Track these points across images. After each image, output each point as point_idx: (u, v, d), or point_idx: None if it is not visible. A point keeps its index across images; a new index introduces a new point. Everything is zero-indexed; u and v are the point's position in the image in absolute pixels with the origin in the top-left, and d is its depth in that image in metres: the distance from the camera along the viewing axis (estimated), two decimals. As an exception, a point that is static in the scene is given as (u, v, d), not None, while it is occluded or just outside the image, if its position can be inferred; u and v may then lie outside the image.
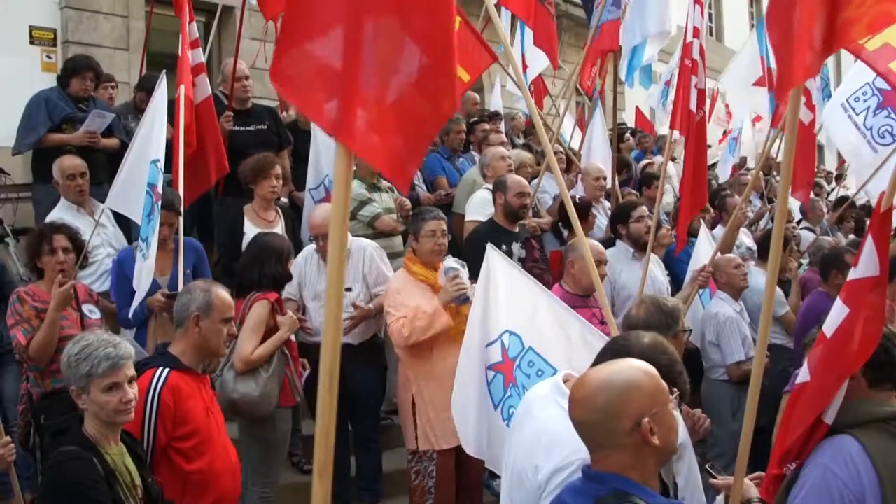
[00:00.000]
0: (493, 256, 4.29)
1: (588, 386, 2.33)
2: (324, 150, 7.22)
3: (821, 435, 2.76)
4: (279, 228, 6.03)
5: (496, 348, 4.09)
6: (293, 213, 6.43)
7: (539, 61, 10.04)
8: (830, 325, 2.78)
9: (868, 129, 7.52)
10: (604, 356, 2.81)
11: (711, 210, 8.69)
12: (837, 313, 2.77)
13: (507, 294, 4.16)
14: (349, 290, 5.60)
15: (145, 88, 7.39)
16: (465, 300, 5.07)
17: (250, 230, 5.86)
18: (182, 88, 5.80)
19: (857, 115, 7.66)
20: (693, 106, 5.83)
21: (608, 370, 2.37)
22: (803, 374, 2.86)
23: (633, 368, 2.33)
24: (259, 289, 4.99)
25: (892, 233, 8.59)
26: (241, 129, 6.94)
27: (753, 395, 2.29)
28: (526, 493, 2.80)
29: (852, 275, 2.81)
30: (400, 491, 5.92)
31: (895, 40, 4.59)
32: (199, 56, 6.30)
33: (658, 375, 2.33)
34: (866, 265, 2.76)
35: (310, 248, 5.72)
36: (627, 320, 3.92)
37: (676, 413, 2.35)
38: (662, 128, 12.47)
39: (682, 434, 2.75)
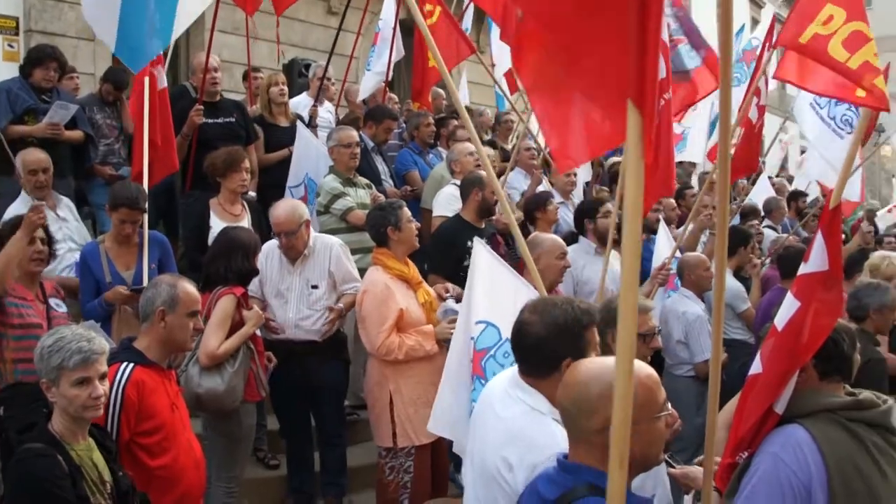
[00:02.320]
0: (478, 250, 4.31)
1: (578, 374, 2.35)
2: (305, 148, 7.25)
3: (771, 425, 2.83)
4: (246, 223, 6.01)
5: (468, 338, 4.14)
6: (260, 208, 6.42)
7: (507, 57, 10.08)
8: (782, 318, 2.85)
9: (831, 119, 7.74)
10: None
11: (677, 208, 8.78)
12: (788, 307, 2.84)
13: (488, 286, 4.18)
14: (315, 287, 5.60)
15: (111, 80, 7.35)
16: None
17: (216, 224, 5.83)
18: (147, 80, 5.76)
19: (821, 108, 7.92)
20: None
21: (602, 365, 2.36)
22: (755, 366, 2.92)
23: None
24: (225, 283, 4.98)
25: (871, 234, 8.71)
26: (210, 121, 6.93)
27: (714, 390, 2.34)
28: (501, 491, 2.82)
29: (803, 269, 2.88)
30: (365, 486, 5.96)
31: (873, 57, 4.75)
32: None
33: (656, 388, 2.30)
34: (816, 260, 2.83)
35: (271, 245, 5.70)
36: None
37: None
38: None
39: None
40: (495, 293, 4.08)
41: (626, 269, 1.53)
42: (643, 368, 2.32)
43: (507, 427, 2.87)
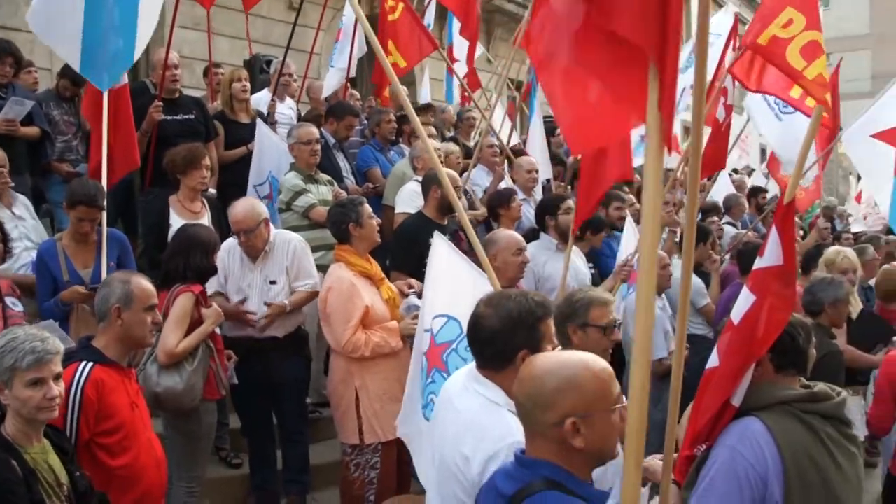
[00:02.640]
0: (437, 243, 4.31)
1: (534, 368, 2.35)
2: (267, 146, 7.21)
3: (729, 417, 2.88)
4: (206, 220, 5.96)
5: (427, 335, 4.14)
6: (220, 205, 6.37)
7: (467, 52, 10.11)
8: (738, 312, 2.90)
9: (776, 104, 7.87)
10: None
11: (636, 203, 8.84)
12: (744, 301, 2.89)
13: (448, 280, 4.18)
14: (274, 283, 5.58)
15: (69, 76, 7.25)
16: None
17: (176, 222, 5.78)
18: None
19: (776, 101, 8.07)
20: None
21: (559, 359, 2.38)
22: (713, 360, 2.96)
23: (584, 366, 2.30)
24: (184, 281, 4.93)
25: (828, 230, 8.76)
26: (169, 118, 6.86)
27: (676, 385, 2.37)
28: (459, 485, 2.83)
29: (758, 264, 2.92)
30: (328, 483, 5.94)
31: (825, 70, 4.87)
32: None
33: (610, 381, 2.30)
34: (771, 255, 2.87)
35: (232, 242, 5.66)
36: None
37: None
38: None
39: None
40: (455, 287, 4.08)
41: (645, 256, 1.52)
42: (597, 362, 2.33)
43: (463, 420, 2.89)
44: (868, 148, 6.48)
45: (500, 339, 2.88)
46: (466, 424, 2.86)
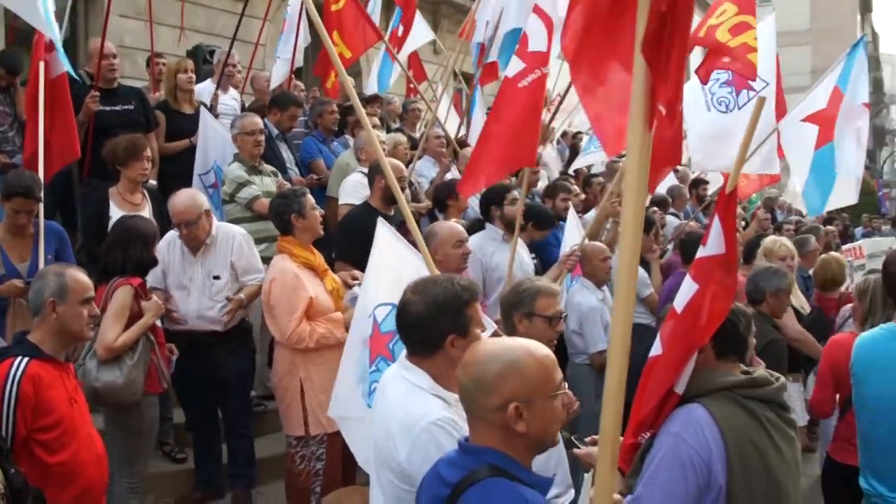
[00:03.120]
0: (381, 230, 4.29)
1: (477, 353, 2.36)
2: (212, 136, 7.12)
3: (672, 405, 2.91)
4: (146, 212, 5.85)
5: (370, 322, 4.13)
6: (161, 197, 6.27)
7: (413, 40, 10.07)
8: (681, 300, 2.92)
9: (711, 94, 7.98)
10: None
11: (581, 194, 8.90)
12: (687, 289, 2.91)
13: (392, 268, 4.17)
14: (217, 277, 5.52)
15: (4, 64, 7.08)
16: None
17: (116, 214, 5.66)
18: (42, 65, 5.58)
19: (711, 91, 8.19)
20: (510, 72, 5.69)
21: (503, 345, 2.40)
22: (656, 348, 2.99)
23: (527, 352, 2.32)
24: (122, 274, 4.85)
25: (768, 220, 8.91)
26: (107, 108, 6.74)
27: (612, 375, 2.37)
28: (391, 470, 2.85)
29: (701, 253, 2.95)
30: (274, 477, 5.90)
31: (752, 41, 4.97)
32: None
33: (552, 367, 2.32)
34: (714, 244, 2.90)
35: (173, 234, 5.59)
36: (501, 299, 4.04)
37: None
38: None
39: None
40: (400, 275, 4.07)
41: (625, 250, 1.52)
42: (540, 348, 2.36)
43: (390, 406, 2.93)
44: (796, 130, 6.65)
45: (426, 325, 2.91)
46: (392, 410, 2.90)
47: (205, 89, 8.59)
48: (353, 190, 6.83)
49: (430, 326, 2.91)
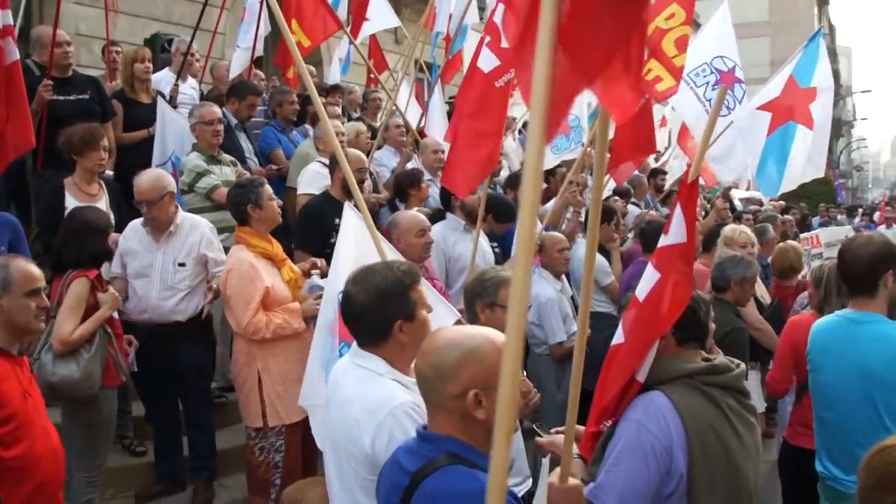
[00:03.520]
0: (348, 216, 4.27)
1: (436, 341, 2.37)
2: (170, 126, 7.02)
3: (634, 392, 2.92)
4: (103, 203, 5.77)
5: (335, 307, 4.11)
6: (118, 187, 6.19)
7: (373, 24, 9.99)
8: (643, 289, 2.93)
9: (707, 101, 8.08)
10: None
11: (545, 183, 8.93)
12: (649, 278, 2.92)
13: (357, 253, 4.15)
14: (182, 265, 5.47)
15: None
16: None
17: (72, 204, 5.57)
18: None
19: (697, 87, 8.26)
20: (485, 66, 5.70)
21: (462, 332, 2.41)
22: (618, 337, 3.00)
23: (486, 339, 2.33)
24: (77, 266, 4.78)
25: (727, 210, 9.01)
26: (62, 98, 6.61)
27: (577, 364, 2.38)
28: (352, 457, 2.84)
29: (663, 241, 2.96)
30: (235, 468, 5.86)
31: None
32: (8, 17, 5.90)
33: None
34: (675, 233, 2.91)
35: (135, 223, 5.54)
36: (465, 288, 4.04)
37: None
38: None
39: None
40: (364, 260, 4.05)
41: (522, 241, 1.50)
42: (499, 336, 2.36)
43: (348, 393, 2.93)
44: (751, 119, 6.74)
45: (371, 314, 2.92)
46: (352, 398, 2.90)
47: (162, 78, 8.49)
48: (312, 180, 6.78)
49: (375, 315, 2.92)
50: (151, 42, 10.33)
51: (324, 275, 5.21)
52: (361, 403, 2.82)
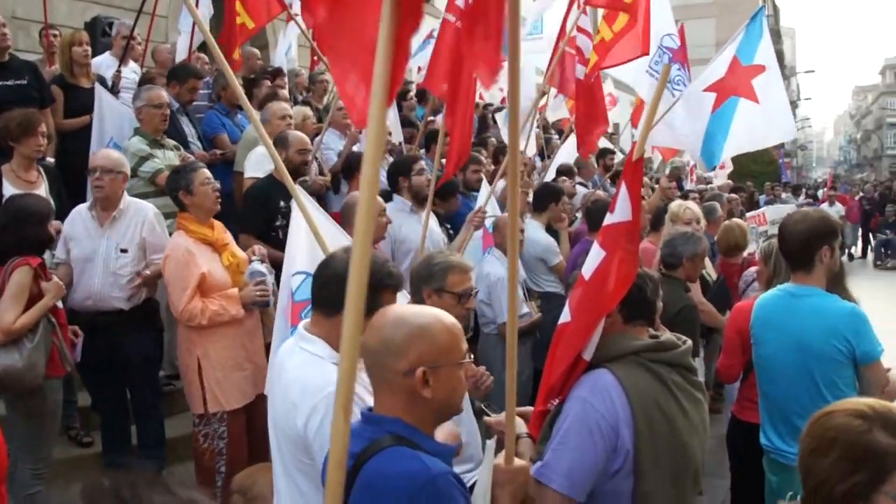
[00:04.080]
0: (298, 197, 4.22)
1: (386, 316, 2.35)
2: (107, 111, 6.88)
3: (580, 371, 2.93)
4: (42, 190, 5.67)
5: (287, 292, 4.08)
6: (59, 174, 6.06)
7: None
8: (588, 267, 2.95)
9: (675, 86, 8.18)
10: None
11: (492, 165, 8.94)
12: (595, 256, 2.94)
13: (307, 237, 4.11)
14: (125, 251, 5.39)
15: None
16: (265, 305, 5.13)
17: (10, 192, 5.46)
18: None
19: (657, 73, 8.38)
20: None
21: (413, 310, 2.41)
22: (564, 315, 3.01)
23: (437, 319, 2.33)
24: (19, 254, 4.67)
25: (672, 189, 9.11)
26: (-2, 83, 6.46)
27: (511, 340, 2.39)
28: (290, 440, 2.84)
29: (608, 220, 2.98)
30: (185, 457, 5.79)
31: None
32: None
33: (460, 336, 2.35)
34: (621, 211, 2.93)
35: (79, 209, 5.45)
36: (410, 272, 4.02)
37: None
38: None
39: None
40: (314, 243, 4.02)
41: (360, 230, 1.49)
42: (448, 316, 2.37)
43: (290, 377, 2.93)
44: (697, 101, 6.83)
45: (335, 286, 2.89)
46: (291, 380, 2.91)
47: (103, 62, 8.33)
48: (258, 163, 6.70)
49: (338, 289, 2.88)
50: (92, 25, 10.10)
51: (263, 260, 5.19)
52: (300, 386, 2.82)
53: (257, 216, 5.88)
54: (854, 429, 2.02)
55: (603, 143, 13.55)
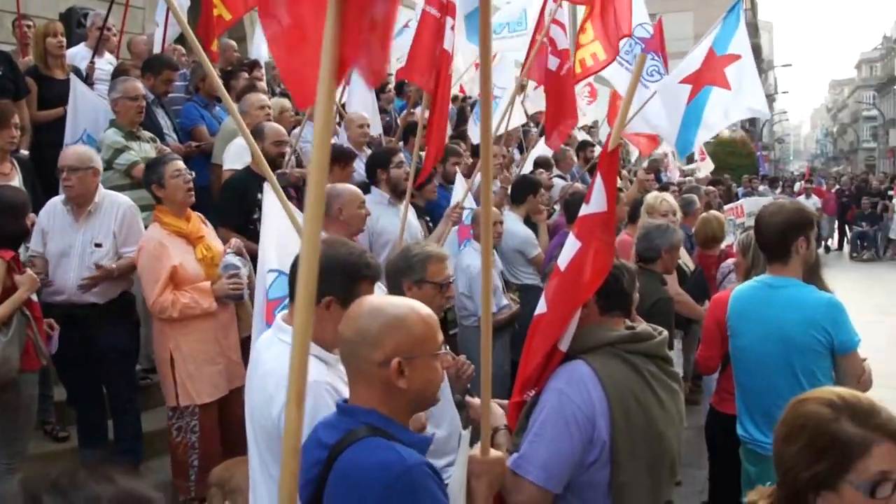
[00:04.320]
0: (268, 197, 4.19)
1: (361, 307, 2.36)
2: (81, 103, 6.82)
3: (556, 362, 2.92)
4: (16, 182, 5.63)
5: (263, 289, 4.05)
6: (33, 166, 6.00)
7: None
8: (564, 258, 2.94)
9: (646, 75, 8.22)
10: None
11: (471, 158, 8.93)
12: (570, 247, 2.94)
13: (278, 234, 4.08)
14: (99, 245, 5.36)
15: None
16: (239, 298, 5.11)
17: (-18, 185, 5.42)
18: None
19: (630, 64, 8.39)
20: (449, 46, 5.80)
21: (389, 300, 2.41)
22: (540, 306, 3.01)
23: (412, 310, 2.34)
24: (-8, 246, 4.63)
25: (650, 182, 9.19)
26: (-31, 74, 6.39)
27: (486, 327, 2.38)
28: (265, 432, 2.82)
29: (584, 211, 2.97)
30: (161, 451, 5.77)
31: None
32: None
33: (435, 327, 2.35)
34: (596, 202, 2.93)
35: (54, 201, 5.41)
36: (385, 264, 4.00)
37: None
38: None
39: None
40: (285, 240, 3.99)
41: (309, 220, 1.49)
42: (424, 307, 2.38)
43: (266, 368, 2.92)
44: (674, 93, 6.86)
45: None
46: (269, 372, 2.89)
47: (78, 53, 8.25)
48: (237, 155, 6.67)
49: (318, 279, 2.88)
50: (67, 16, 10.00)
51: (238, 253, 5.17)
52: (277, 377, 2.79)
53: (235, 209, 5.86)
54: (822, 417, 2.03)
55: (582, 135, 13.61)
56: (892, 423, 1.99)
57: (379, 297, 2.45)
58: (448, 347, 2.58)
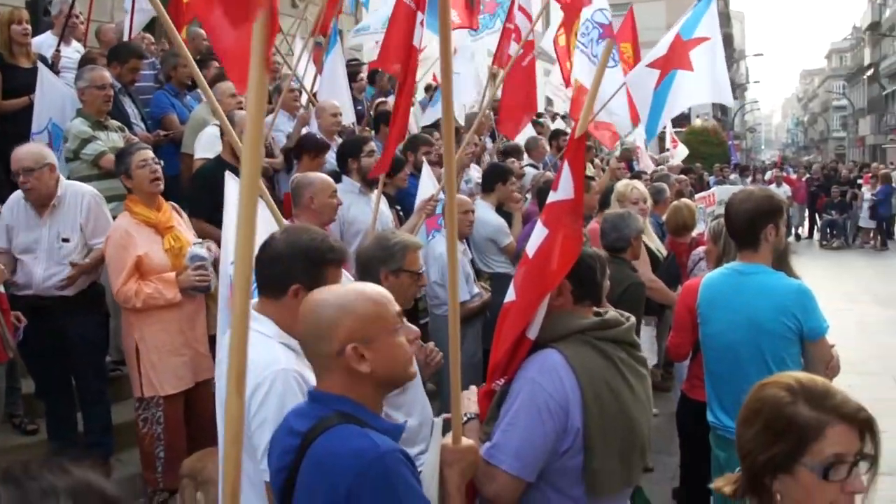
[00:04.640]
0: (230, 186, 4.16)
1: (309, 303, 2.35)
2: (48, 90, 6.72)
3: (525, 350, 2.92)
4: (-20, 174, 5.55)
5: (227, 283, 4.02)
6: (-3, 158, 5.93)
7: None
8: (532, 246, 2.94)
9: (595, 56, 8.27)
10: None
11: (441, 148, 8.91)
12: (538, 235, 2.93)
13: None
14: (66, 240, 5.29)
15: None
16: (205, 290, 5.09)
17: (-56, 178, 5.35)
18: None
19: (586, 47, 8.47)
20: (417, 42, 5.83)
21: (333, 291, 2.39)
22: (509, 294, 3.00)
23: (357, 293, 2.33)
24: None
25: (621, 170, 9.23)
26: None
27: (454, 316, 2.38)
28: None
29: (551, 198, 2.96)
30: (132, 443, 5.70)
31: None
32: None
33: (387, 303, 2.33)
34: (564, 189, 2.92)
35: (17, 195, 5.33)
36: (357, 253, 3.99)
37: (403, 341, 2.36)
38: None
39: None
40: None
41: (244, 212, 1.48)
42: (372, 288, 2.39)
43: None
44: (641, 78, 6.90)
45: (279, 264, 2.90)
46: None
47: (44, 42, 8.13)
48: (208, 144, 6.63)
49: (281, 267, 2.90)
50: (33, 4, 9.88)
51: (212, 249, 5.13)
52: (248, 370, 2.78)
53: (206, 198, 5.80)
54: (779, 401, 2.05)
55: (558, 124, 13.62)
56: (846, 405, 2.01)
57: (324, 290, 2.42)
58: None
